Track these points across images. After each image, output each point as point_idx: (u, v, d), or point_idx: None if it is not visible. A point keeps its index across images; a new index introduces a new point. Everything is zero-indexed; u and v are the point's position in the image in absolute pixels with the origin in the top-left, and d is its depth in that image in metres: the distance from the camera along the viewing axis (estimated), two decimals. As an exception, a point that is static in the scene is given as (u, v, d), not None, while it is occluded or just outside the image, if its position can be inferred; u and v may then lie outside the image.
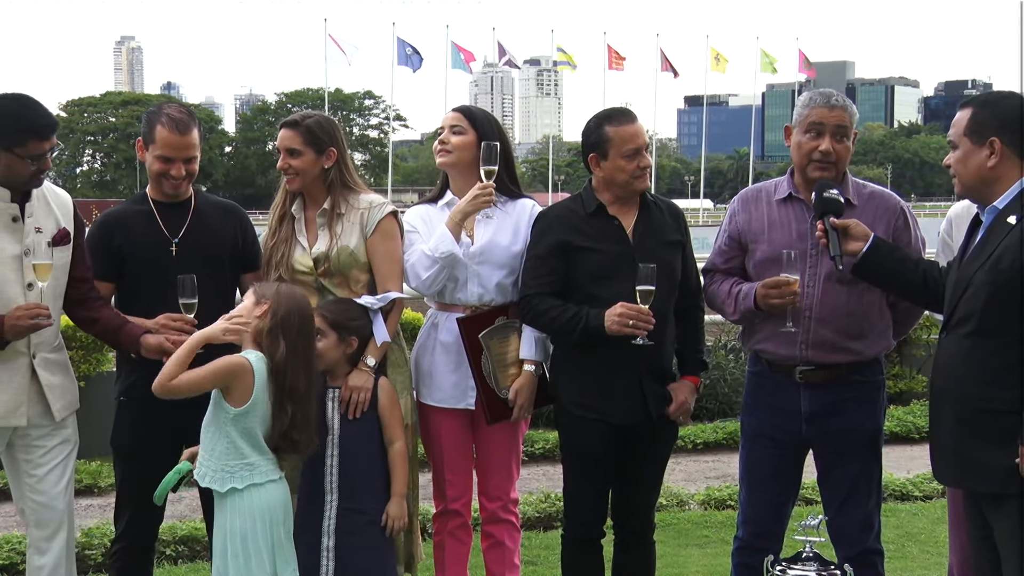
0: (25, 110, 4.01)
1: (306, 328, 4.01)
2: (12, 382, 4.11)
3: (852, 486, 4.28)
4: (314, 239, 4.45)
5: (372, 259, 4.42)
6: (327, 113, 5.35)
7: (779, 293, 4.11)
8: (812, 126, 4.17)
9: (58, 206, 4.21)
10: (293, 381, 3.92)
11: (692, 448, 8.46)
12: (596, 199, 4.39)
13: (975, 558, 3.74)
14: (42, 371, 4.17)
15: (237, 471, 3.93)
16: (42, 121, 4.03)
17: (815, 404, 4.24)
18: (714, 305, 4.44)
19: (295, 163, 4.41)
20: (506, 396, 4.47)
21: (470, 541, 4.74)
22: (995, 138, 3.56)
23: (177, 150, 4.33)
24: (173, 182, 4.36)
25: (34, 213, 4.11)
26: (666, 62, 63.71)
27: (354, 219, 4.42)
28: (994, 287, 3.46)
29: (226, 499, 3.94)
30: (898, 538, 6.20)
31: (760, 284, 4.17)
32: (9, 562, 5.53)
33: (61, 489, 4.24)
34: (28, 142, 3.97)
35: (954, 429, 3.56)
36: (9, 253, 4.06)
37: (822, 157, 4.15)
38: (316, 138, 4.41)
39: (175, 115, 4.36)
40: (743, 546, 4.45)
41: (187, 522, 6.14)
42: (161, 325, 4.23)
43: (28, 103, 4.03)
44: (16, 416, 4.12)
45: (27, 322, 3.99)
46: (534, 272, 4.38)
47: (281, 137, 4.47)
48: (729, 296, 4.31)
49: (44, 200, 4.17)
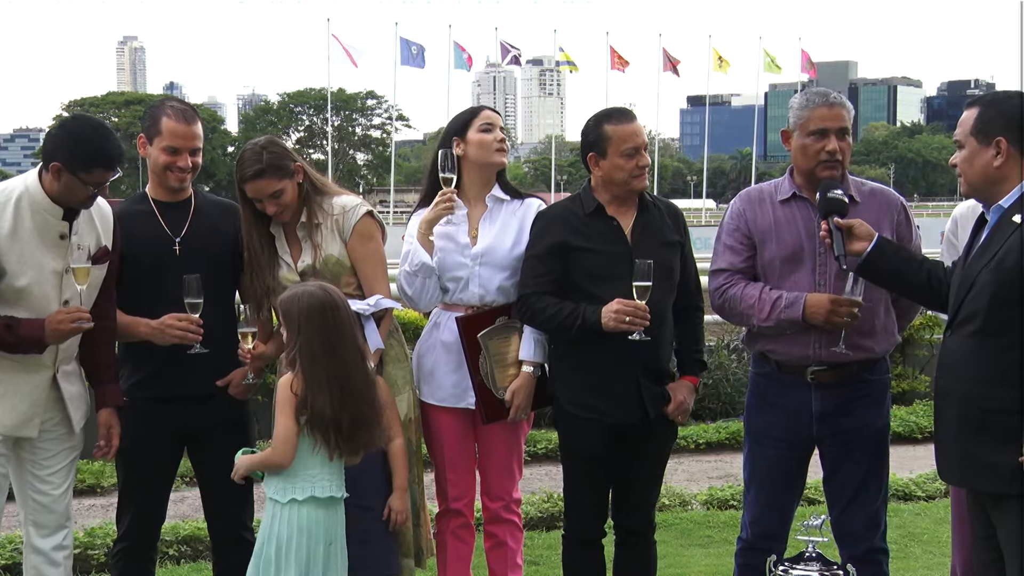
0: (102, 141, 4.02)
1: (316, 323, 3.95)
2: (32, 394, 4.11)
3: (860, 484, 4.28)
4: (297, 253, 4.40)
5: (354, 263, 4.38)
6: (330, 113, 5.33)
7: (846, 312, 4.06)
8: (816, 128, 4.16)
9: (100, 221, 4.21)
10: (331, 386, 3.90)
11: (695, 448, 8.46)
12: (595, 199, 4.38)
13: (978, 558, 3.73)
14: (64, 383, 4.18)
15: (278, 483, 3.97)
16: (114, 152, 4.04)
17: (826, 404, 4.23)
18: (734, 309, 4.29)
19: (283, 201, 4.34)
20: (503, 396, 4.47)
21: (472, 541, 4.73)
22: (1001, 138, 3.55)
23: (184, 140, 4.33)
24: (179, 175, 4.35)
25: (79, 231, 4.12)
26: (669, 61, 63.65)
27: (331, 225, 4.38)
28: (999, 286, 3.46)
29: (268, 503, 3.98)
30: (901, 538, 6.19)
31: (829, 299, 4.09)
32: (12, 562, 5.54)
33: (64, 490, 4.25)
34: (95, 170, 3.99)
35: (958, 429, 3.55)
36: (51, 269, 4.06)
37: (830, 157, 4.15)
38: (283, 167, 4.33)
39: (180, 107, 4.39)
40: (747, 547, 4.44)
41: (189, 522, 6.14)
42: (167, 325, 4.23)
43: (105, 134, 4.05)
44: (29, 427, 4.13)
45: (68, 325, 3.99)
46: (532, 272, 4.38)
47: (259, 188, 4.30)
48: (761, 301, 4.19)
49: (89, 216, 4.17)
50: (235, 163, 4.42)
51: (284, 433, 3.92)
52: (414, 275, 4.42)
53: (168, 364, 4.30)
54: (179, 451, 4.51)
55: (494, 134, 4.53)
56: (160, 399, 4.35)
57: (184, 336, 4.21)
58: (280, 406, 3.93)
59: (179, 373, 4.30)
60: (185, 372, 4.30)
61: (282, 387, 3.95)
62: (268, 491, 3.98)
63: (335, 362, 3.93)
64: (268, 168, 4.30)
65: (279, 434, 3.93)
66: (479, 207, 4.57)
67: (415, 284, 4.44)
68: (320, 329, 3.94)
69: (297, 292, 4.02)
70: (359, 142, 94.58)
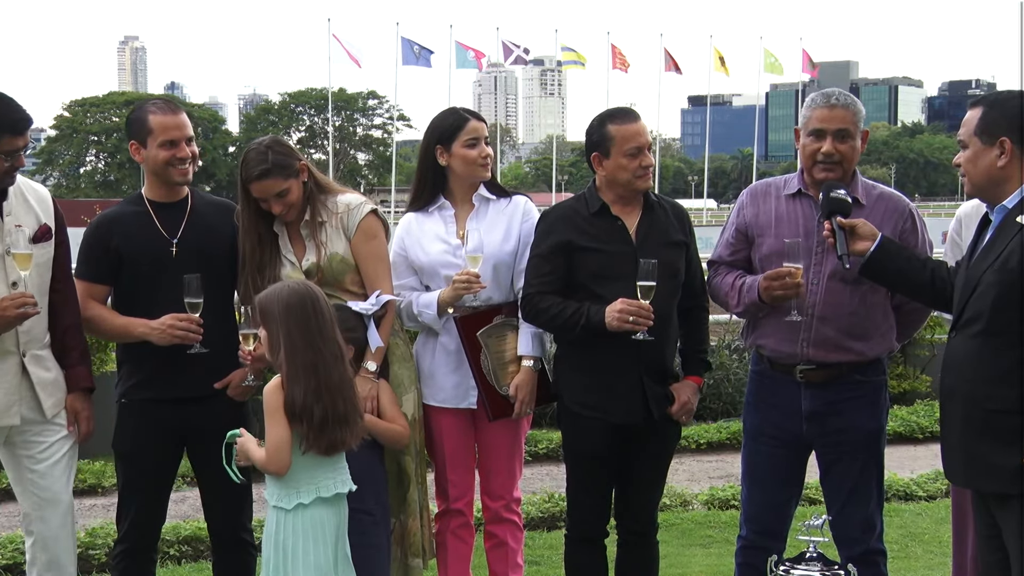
0: (1, 106, 3.98)
1: (296, 314, 3.85)
2: (3, 381, 4.10)
3: (853, 487, 4.28)
4: (301, 252, 4.39)
5: (358, 261, 4.38)
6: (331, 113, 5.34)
7: (782, 284, 4.10)
8: (814, 128, 4.17)
9: (38, 202, 4.20)
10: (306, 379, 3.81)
11: (696, 448, 8.46)
12: (599, 199, 4.38)
13: (982, 558, 3.73)
14: (34, 368, 4.16)
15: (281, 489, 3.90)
16: (16, 116, 4.00)
17: (815, 403, 4.23)
18: (717, 298, 4.43)
19: (289, 200, 4.33)
20: (507, 393, 4.47)
21: (472, 540, 4.73)
22: (1005, 138, 3.54)
23: (177, 130, 4.32)
24: (182, 167, 4.34)
25: (13, 211, 4.10)
26: (671, 60, 63.63)
27: (335, 223, 4.38)
28: (1003, 287, 3.45)
29: (270, 508, 3.92)
30: (902, 538, 6.19)
31: (763, 276, 4.16)
32: (13, 561, 5.54)
33: (63, 485, 4.24)
34: (3, 137, 3.95)
35: (963, 429, 3.55)
36: None
37: (824, 159, 4.15)
38: (288, 166, 4.33)
39: (160, 102, 4.42)
40: (746, 545, 4.44)
41: (190, 522, 6.14)
42: (167, 326, 4.22)
43: (2, 100, 4.00)
44: (9, 415, 4.12)
45: (13, 312, 3.96)
46: (536, 271, 4.38)
47: (265, 188, 4.30)
48: (732, 288, 4.30)
49: (23, 197, 4.16)
50: (239, 163, 4.41)
51: (276, 441, 3.79)
52: (414, 318, 4.51)
53: (166, 365, 4.29)
54: (179, 452, 4.50)
55: (479, 149, 4.52)
56: (159, 400, 4.34)
57: (185, 336, 4.21)
58: (269, 413, 3.81)
59: (178, 374, 4.29)
60: (184, 373, 4.29)
61: (270, 394, 3.83)
62: (271, 499, 3.89)
63: (313, 354, 3.82)
64: (274, 168, 4.29)
65: (271, 443, 3.80)
66: (466, 207, 4.58)
67: (411, 321, 4.55)
68: (300, 320, 3.83)
69: (276, 287, 3.95)
70: (360, 142, 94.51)
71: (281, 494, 3.86)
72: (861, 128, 4.22)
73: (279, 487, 3.87)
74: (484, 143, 4.56)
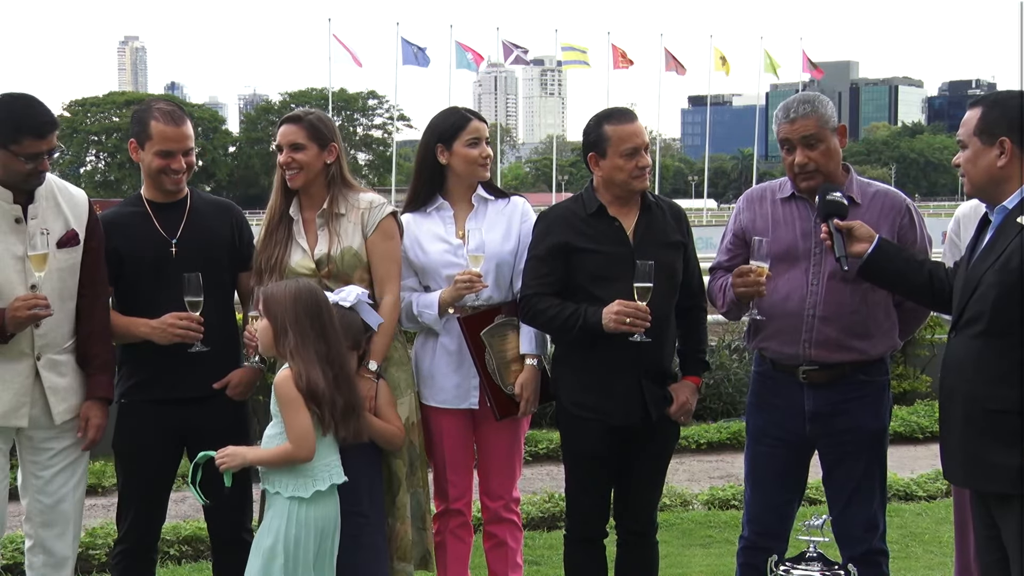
0: (25, 108, 3.99)
1: (304, 303, 3.94)
2: (14, 383, 4.09)
3: (856, 486, 4.27)
4: (314, 241, 4.39)
5: (371, 259, 4.38)
6: (331, 113, 5.35)
7: (744, 282, 4.11)
8: (783, 141, 4.17)
9: (70, 207, 4.18)
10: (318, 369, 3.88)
11: (696, 448, 8.46)
12: (596, 200, 4.38)
13: (981, 558, 3.73)
14: (47, 373, 4.14)
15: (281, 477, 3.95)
16: (41, 119, 4.00)
17: (819, 404, 4.23)
18: (713, 301, 4.46)
19: (299, 157, 4.35)
20: (511, 392, 4.47)
21: (471, 540, 4.73)
22: (1005, 138, 3.54)
23: (175, 142, 4.31)
24: (175, 177, 4.34)
25: (39, 214, 4.08)
26: (671, 60, 63.61)
27: (355, 219, 4.38)
28: (1003, 288, 3.45)
29: (281, 502, 3.94)
30: (902, 538, 6.19)
31: (732, 273, 4.19)
32: (13, 561, 5.53)
33: (69, 491, 4.23)
34: (24, 140, 3.95)
35: (963, 429, 3.55)
36: (12, 254, 4.04)
37: (800, 169, 4.14)
38: (319, 133, 4.37)
39: (167, 108, 4.36)
40: (747, 546, 4.44)
41: (190, 522, 6.14)
42: (168, 324, 4.22)
43: (28, 102, 4.02)
44: (17, 417, 4.11)
45: (25, 312, 3.94)
46: (534, 272, 4.37)
47: (283, 133, 4.39)
48: (719, 290, 4.34)
49: (53, 200, 4.14)
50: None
51: (302, 428, 3.86)
52: (414, 318, 4.51)
53: (167, 366, 4.29)
54: (179, 452, 4.50)
55: (480, 149, 4.54)
56: (159, 401, 4.34)
57: (185, 334, 4.21)
58: (287, 403, 3.87)
59: (178, 374, 4.29)
60: (184, 373, 4.29)
61: (283, 385, 3.89)
62: (284, 491, 3.92)
63: (327, 343, 3.92)
64: (306, 123, 4.37)
65: (297, 430, 3.86)
66: (464, 207, 4.59)
67: (410, 322, 4.54)
68: (309, 310, 3.92)
69: (280, 283, 4.03)
70: (360, 142, 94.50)
71: (298, 483, 3.91)
72: (832, 126, 4.14)
73: (294, 477, 3.91)
74: (485, 143, 4.56)
